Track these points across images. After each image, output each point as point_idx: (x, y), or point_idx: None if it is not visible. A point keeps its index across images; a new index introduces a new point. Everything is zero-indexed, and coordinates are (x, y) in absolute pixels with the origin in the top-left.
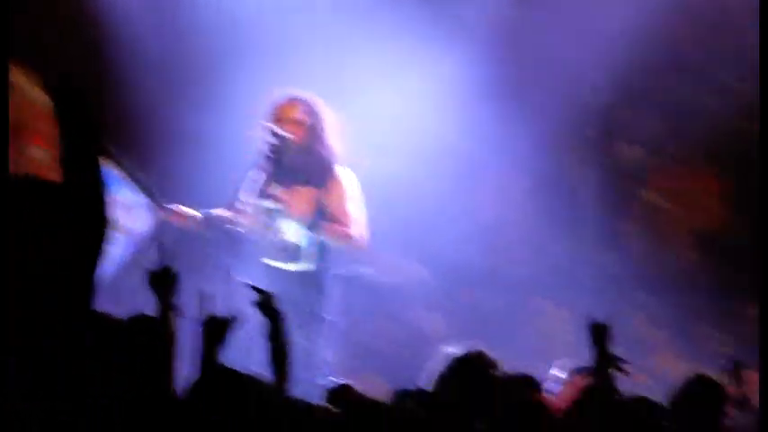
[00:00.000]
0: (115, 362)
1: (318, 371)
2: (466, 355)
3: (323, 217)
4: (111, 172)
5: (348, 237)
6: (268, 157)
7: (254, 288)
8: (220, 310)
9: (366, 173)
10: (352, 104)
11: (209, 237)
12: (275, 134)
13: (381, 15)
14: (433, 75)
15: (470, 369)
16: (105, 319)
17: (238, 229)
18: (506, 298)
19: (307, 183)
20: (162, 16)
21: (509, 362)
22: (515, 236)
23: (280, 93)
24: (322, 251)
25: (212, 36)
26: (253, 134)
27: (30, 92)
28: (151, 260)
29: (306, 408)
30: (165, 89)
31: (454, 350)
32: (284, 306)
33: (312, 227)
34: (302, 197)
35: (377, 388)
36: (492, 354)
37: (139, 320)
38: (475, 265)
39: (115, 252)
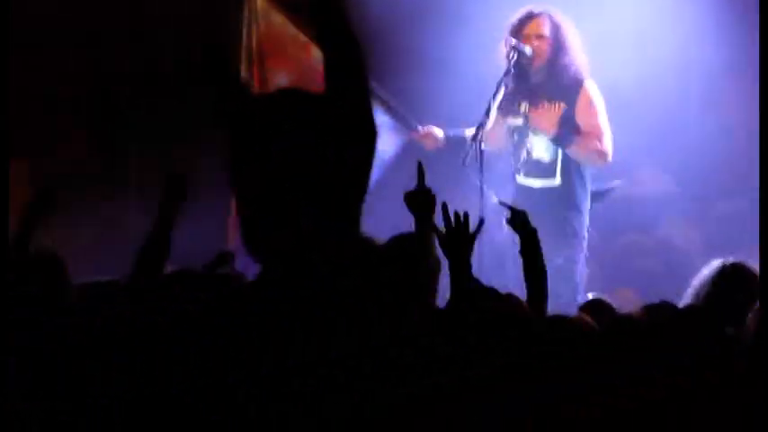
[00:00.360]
0: (376, 282)
1: (574, 287)
2: (722, 267)
3: (572, 131)
4: None
5: (599, 151)
6: (512, 73)
7: (508, 206)
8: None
9: (610, 84)
10: (592, 17)
11: (458, 157)
12: (518, 50)
13: None
14: None
15: (728, 281)
16: (365, 241)
17: (487, 148)
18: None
19: (553, 98)
20: None
21: None
22: None
23: (521, 8)
24: (573, 166)
25: None
26: (496, 53)
27: (273, 16)
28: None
29: (561, 321)
30: (406, 13)
31: (710, 264)
32: (538, 223)
33: (562, 142)
34: (550, 113)
35: (630, 302)
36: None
37: (400, 240)
38: (725, 172)
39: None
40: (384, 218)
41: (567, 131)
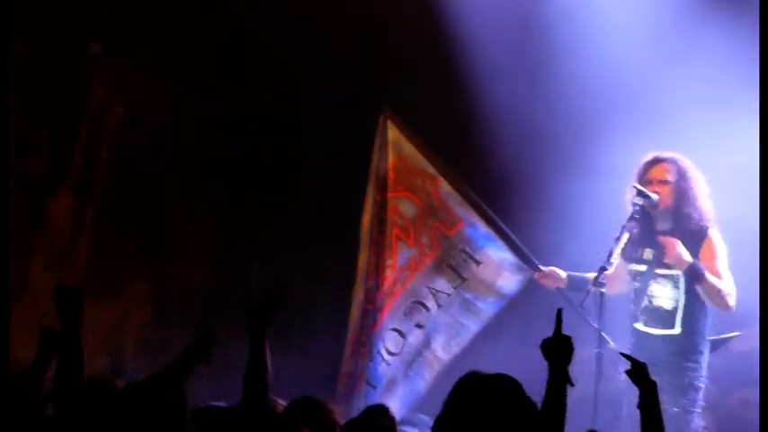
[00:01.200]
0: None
1: None
2: None
3: (700, 270)
4: (487, 231)
5: (724, 296)
6: (637, 218)
7: (628, 357)
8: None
9: (735, 228)
10: (719, 162)
11: (579, 300)
12: (643, 195)
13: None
14: None
15: None
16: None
17: (607, 291)
18: None
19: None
20: (536, 79)
21: None
22: None
23: (648, 154)
24: (694, 317)
25: (586, 98)
26: (623, 197)
27: (404, 147)
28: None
29: None
30: (537, 154)
31: None
32: (654, 371)
33: (693, 275)
34: (681, 248)
35: None
36: None
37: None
38: None
39: (487, 311)
40: (502, 354)
41: (697, 267)
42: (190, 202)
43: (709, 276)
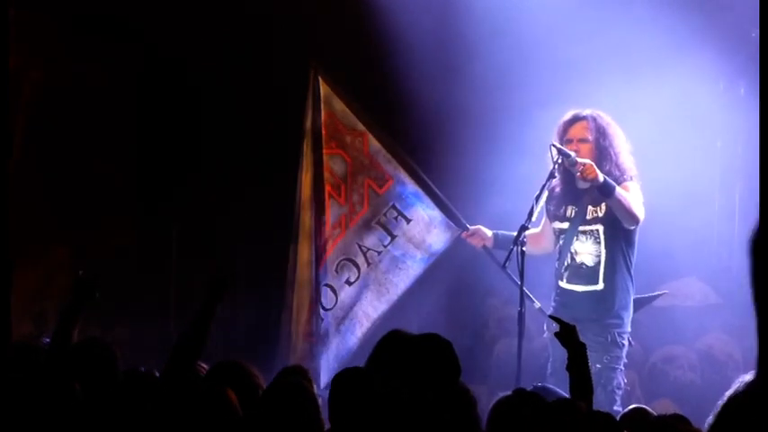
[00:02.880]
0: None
1: (610, 394)
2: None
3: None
4: (416, 189)
5: (631, 208)
6: (557, 177)
7: (557, 320)
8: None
9: (652, 187)
10: (639, 121)
11: (504, 258)
12: (562, 153)
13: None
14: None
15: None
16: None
17: (534, 250)
18: None
19: (596, 202)
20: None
21: None
22: None
23: (567, 112)
24: (618, 274)
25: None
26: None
27: (334, 103)
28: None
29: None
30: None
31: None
32: (580, 329)
33: (601, 197)
34: (594, 215)
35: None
36: None
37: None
38: None
39: (415, 268)
40: (425, 307)
41: (608, 182)
42: (107, 165)
43: (618, 190)
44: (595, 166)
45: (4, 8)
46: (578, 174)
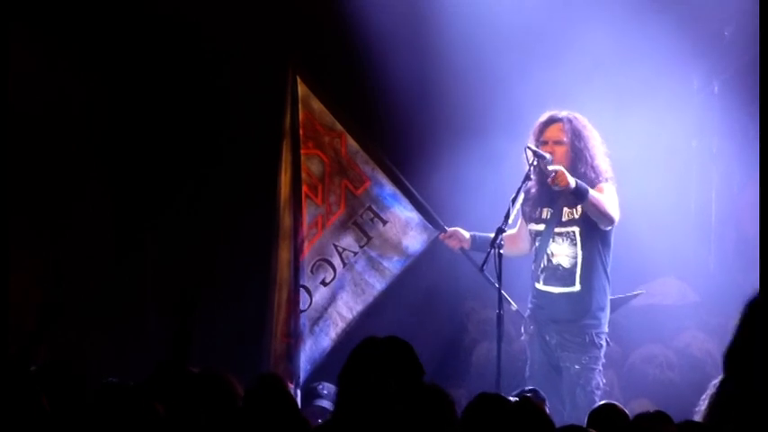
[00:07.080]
0: None
1: (589, 394)
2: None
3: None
4: (393, 190)
5: (606, 209)
6: (533, 179)
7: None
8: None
9: (629, 188)
10: (615, 122)
11: (482, 261)
12: (537, 155)
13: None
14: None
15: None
16: None
17: (511, 252)
18: None
19: (572, 204)
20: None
21: None
22: None
23: (543, 114)
24: (594, 274)
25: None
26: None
27: (312, 103)
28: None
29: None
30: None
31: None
32: (557, 330)
33: (576, 201)
34: (570, 217)
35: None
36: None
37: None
38: (740, 283)
39: (391, 270)
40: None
41: (581, 185)
42: (81, 176)
43: (592, 193)
44: (567, 173)
45: (4, 9)
46: (549, 180)
